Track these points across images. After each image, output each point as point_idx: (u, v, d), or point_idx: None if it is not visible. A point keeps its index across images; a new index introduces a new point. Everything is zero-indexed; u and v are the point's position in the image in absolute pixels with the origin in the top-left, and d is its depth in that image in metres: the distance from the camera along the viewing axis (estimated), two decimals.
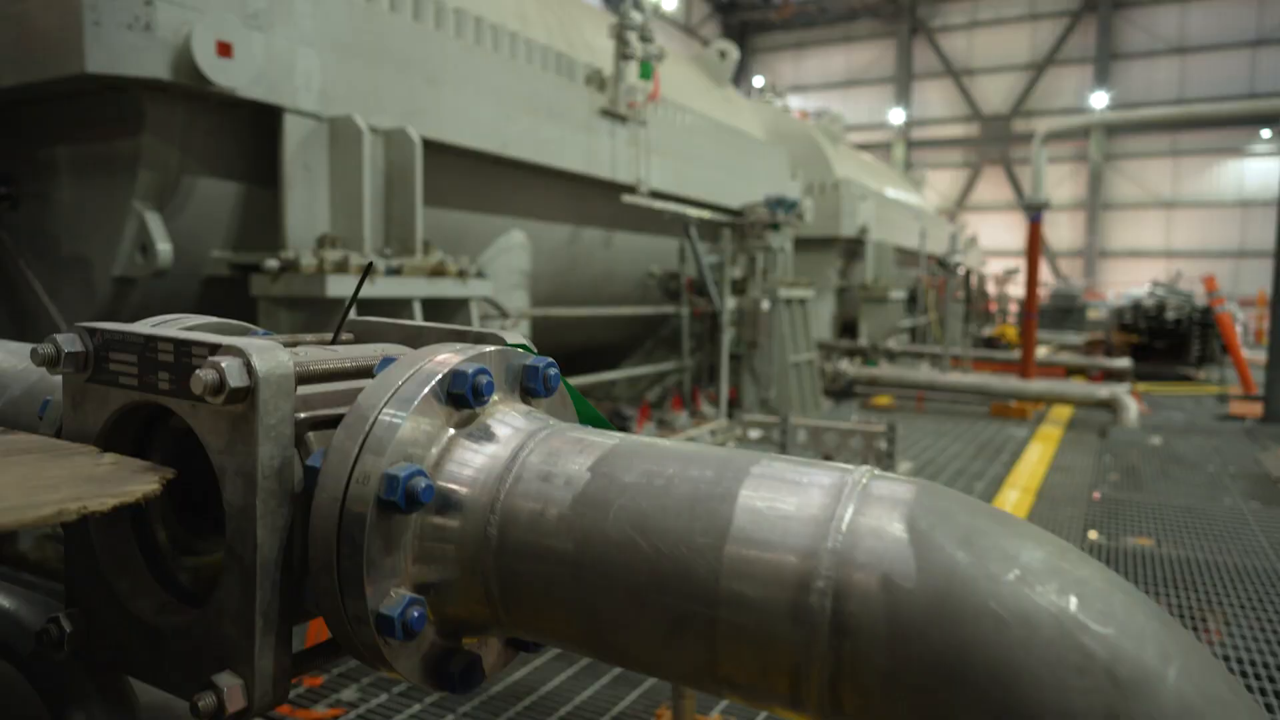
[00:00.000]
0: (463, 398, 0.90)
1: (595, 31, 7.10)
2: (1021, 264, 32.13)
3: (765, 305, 7.98)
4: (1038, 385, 9.10)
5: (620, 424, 6.27)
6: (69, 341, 0.96)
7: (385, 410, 0.87)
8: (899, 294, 12.98)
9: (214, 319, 1.23)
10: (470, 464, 0.88)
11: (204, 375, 0.80)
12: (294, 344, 1.23)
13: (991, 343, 16.86)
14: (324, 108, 4.14)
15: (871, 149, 34.36)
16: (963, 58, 34.04)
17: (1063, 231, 32.70)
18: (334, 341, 1.23)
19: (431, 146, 4.68)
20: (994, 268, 28.17)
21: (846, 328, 14.16)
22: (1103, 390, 8.83)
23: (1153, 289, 15.89)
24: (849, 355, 11.97)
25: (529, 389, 1.02)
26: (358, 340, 1.24)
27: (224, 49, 3.58)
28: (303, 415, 0.89)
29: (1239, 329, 15.89)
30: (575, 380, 7.08)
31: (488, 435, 0.92)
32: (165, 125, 3.80)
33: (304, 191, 4.11)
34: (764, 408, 8.52)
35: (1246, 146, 30.06)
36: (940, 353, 11.61)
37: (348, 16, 4.25)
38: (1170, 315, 13.77)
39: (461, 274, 4.50)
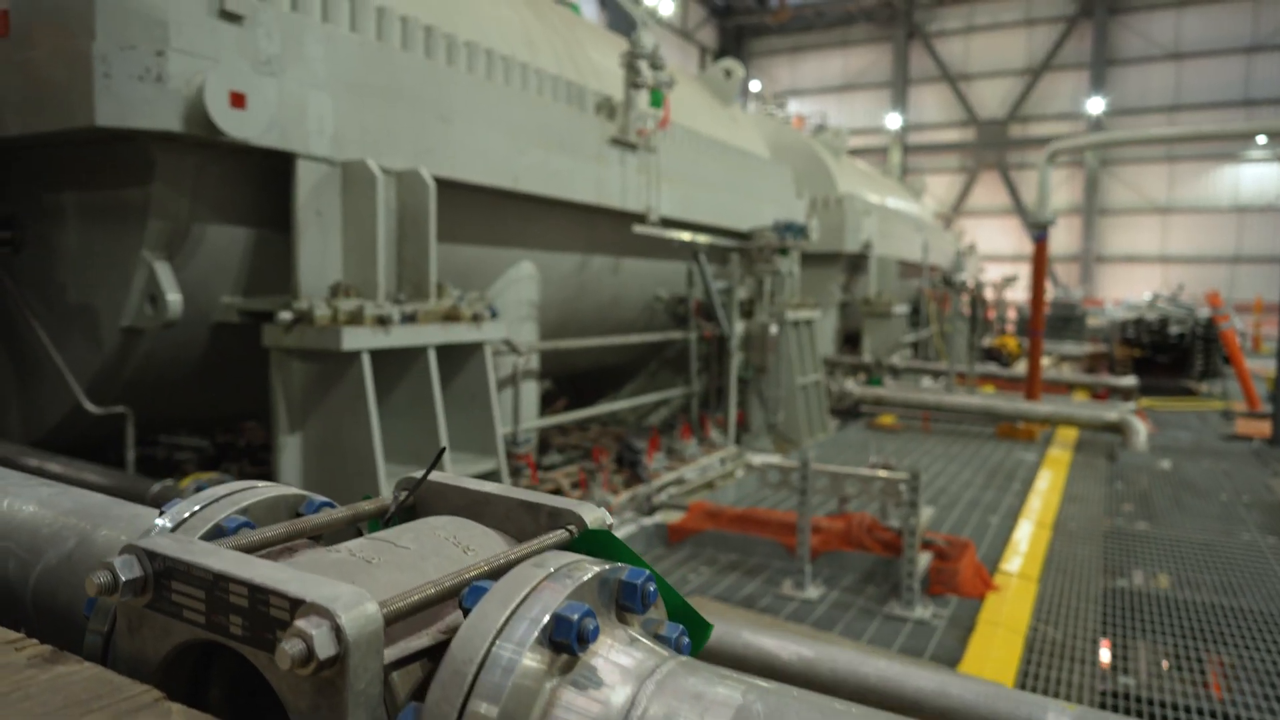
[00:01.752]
0: (567, 645, 0.82)
1: (600, 52, 7.02)
2: (1019, 269, 32.09)
3: (774, 330, 7.90)
4: (1045, 407, 9.04)
5: (631, 456, 6.19)
6: (126, 566, 0.87)
7: (484, 670, 0.79)
8: (902, 309, 12.92)
9: (267, 492, 1.15)
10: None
11: (289, 648, 0.72)
12: (354, 518, 1.15)
13: (991, 353, 16.82)
14: (336, 152, 4.05)
15: (868, 153, 34.35)
16: (959, 62, 34.03)
17: (1059, 237, 32.69)
18: (394, 512, 1.16)
19: (443, 184, 4.60)
20: (991, 273, 28.18)
21: (849, 339, 14.11)
22: (1111, 413, 8.78)
23: (1154, 301, 15.87)
24: (853, 371, 11.91)
25: (626, 605, 0.95)
26: (416, 502, 1.17)
27: (237, 99, 3.48)
28: (389, 659, 0.82)
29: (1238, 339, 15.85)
30: (584, 412, 7.00)
31: (594, 681, 0.84)
32: (176, 174, 3.70)
33: (317, 238, 4.02)
34: (772, 432, 8.45)
35: (1242, 152, 30.12)
36: (945, 370, 11.55)
37: (360, 57, 4.15)
38: (1173, 330, 13.73)
39: (476, 318, 4.42)
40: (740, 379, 8.01)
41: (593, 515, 1.04)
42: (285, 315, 3.77)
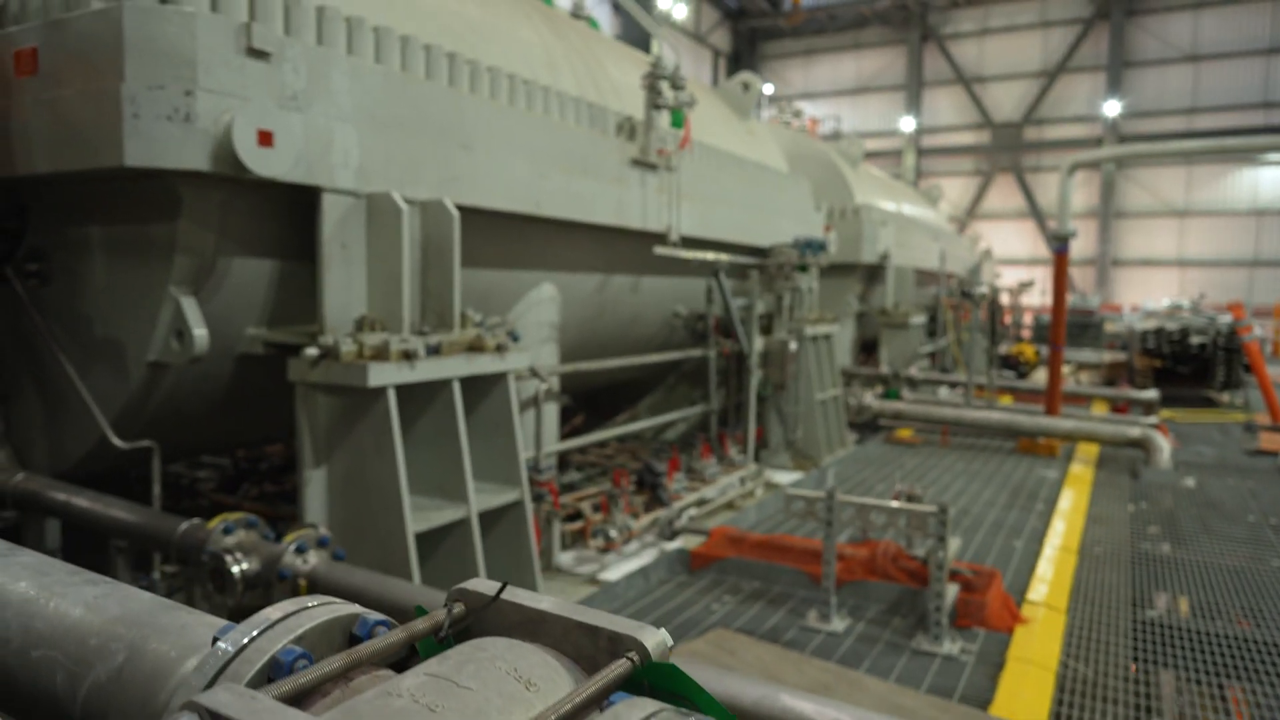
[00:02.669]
0: None
1: (619, 69, 7.00)
2: (1035, 273, 31.88)
3: (793, 346, 7.86)
4: (1067, 423, 8.96)
5: (652, 479, 6.16)
6: None
7: None
8: (919, 319, 12.84)
9: (321, 615, 1.13)
10: None
11: None
12: (409, 638, 1.13)
13: (1008, 361, 16.71)
14: (361, 184, 4.03)
15: (882, 156, 34.23)
16: (974, 65, 33.86)
17: (1074, 241, 32.51)
18: (448, 630, 1.14)
19: (465, 210, 4.58)
20: (1007, 278, 28.01)
21: (865, 347, 14.05)
22: (1134, 429, 8.69)
23: (1174, 310, 15.72)
24: (871, 383, 11.84)
25: None
26: (469, 613, 1.14)
27: (265, 138, 3.47)
28: None
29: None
30: (604, 433, 6.97)
31: None
32: (202, 210, 3.70)
33: (341, 271, 4.00)
34: (791, 449, 8.41)
35: (1260, 155, 29.83)
36: (964, 381, 11.47)
37: (384, 88, 4.13)
38: (1195, 340, 13.60)
39: (499, 348, 4.40)
40: (758, 395, 7.96)
41: (654, 640, 1.02)
42: (311, 351, 3.76)
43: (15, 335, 4.29)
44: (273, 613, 1.14)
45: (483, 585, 1.15)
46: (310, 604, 1.15)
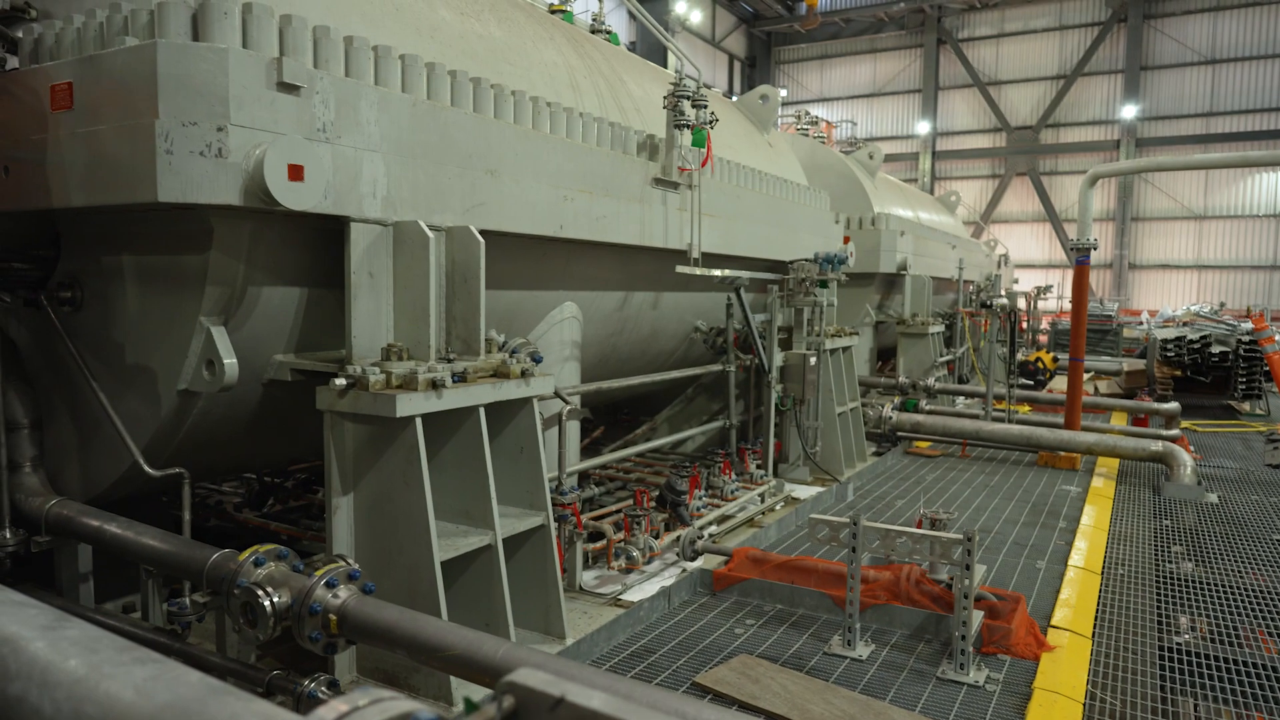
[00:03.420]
0: None
1: (639, 84, 7.01)
2: (1051, 277, 31.62)
3: (813, 361, 7.85)
4: (1088, 437, 8.90)
5: (673, 497, 6.16)
6: None
7: None
8: (937, 328, 12.80)
9: (373, 714, 1.15)
10: None
11: None
12: None
13: (1026, 368, 16.61)
14: (388, 213, 4.06)
15: (898, 160, 34.13)
16: (990, 69, 33.72)
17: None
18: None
19: (489, 234, 4.59)
20: (1024, 282, 27.85)
21: (883, 355, 14.00)
22: (1155, 444, 8.63)
23: (1192, 318, 15.59)
24: (889, 392, 11.81)
25: None
26: (519, 709, 1.15)
27: (295, 172, 3.50)
28: None
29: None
30: (624, 451, 6.98)
31: None
32: (232, 241, 3.73)
33: (369, 299, 4.03)
34: (809, 463, 8.40)
35: None
36: (982, 392, 11.42)
37: (411, 118, 4.16)
38: (1215, 349, 13.49)
39: (524, 374, 4.41)
40: (777, 409, 7.96)
41: None
42: (340, 382, 3.78)
43: (49, 360, 4.34)
44: (326, 714, 1.15)
45: (532, 678, 1.16)
46: (361, 703, 1.17)
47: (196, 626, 3.75)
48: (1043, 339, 23.12)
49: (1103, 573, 5.99)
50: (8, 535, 4.06)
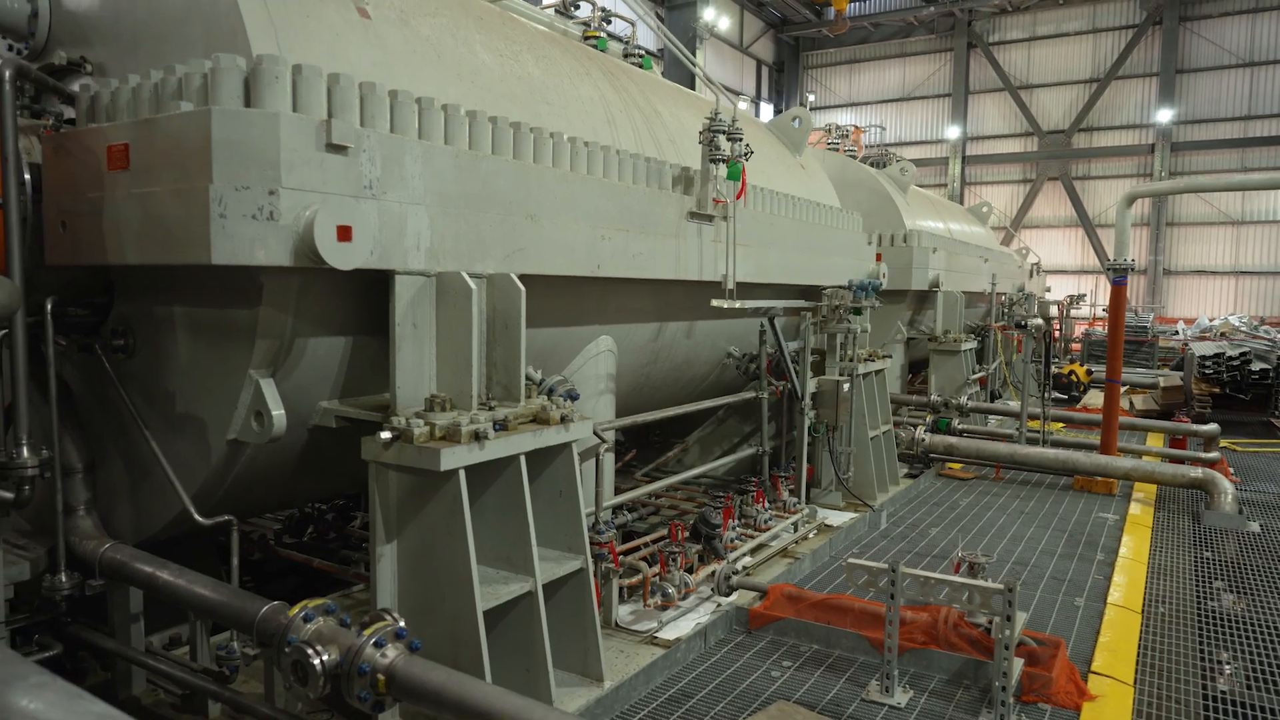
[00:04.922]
0: None
1: (673, 114, 7.03)
2: (1083, 283, 31.19)
3: (846, 388, 7.83)
4: (1125, 463, 8.80)
5: (708, 530, 6.18)
6: None
7: None
8: (970, 345, 12.70)
9: None
10: None
11: None
12: None
13: (1059, 381, 16.43)
14: (432, 264, 4.11)
15: (927, 164, 33.86)
16: (1021, 72, 33.39)
17: None
18: None
19: (528, 278, 4.64)
20: (1056, 288, 27.54)
21: (914, 368, 13.92)
22: (1194, 471, 8.52)
23: (1231, 332, 15.34)
24: (921, 410, 11.74)
25: None
26: None
27: (344, 233, 3.56)
28: None
29: None
30: (658, 484, 7.01)
31: None
32: (281, 295, 3.80)
33: (413, 350, 4.09)
34: (842, 488, 8.37)
35: None
36: (1015, 411, 11.32)
37: (454, 169, 4.21)
38: (1255, 366, 13.28)
39: (564, 419, 4.45)
40: (810, 434, 7.94)
41: None
42: (385, 435, 3.84)
43: (102, 405, 4.44)
44: None
45: None
46: None
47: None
48: (1075, 348, 22.83)
49: (1143, 611, 5.93)
50: (63, 579, 4.16)
